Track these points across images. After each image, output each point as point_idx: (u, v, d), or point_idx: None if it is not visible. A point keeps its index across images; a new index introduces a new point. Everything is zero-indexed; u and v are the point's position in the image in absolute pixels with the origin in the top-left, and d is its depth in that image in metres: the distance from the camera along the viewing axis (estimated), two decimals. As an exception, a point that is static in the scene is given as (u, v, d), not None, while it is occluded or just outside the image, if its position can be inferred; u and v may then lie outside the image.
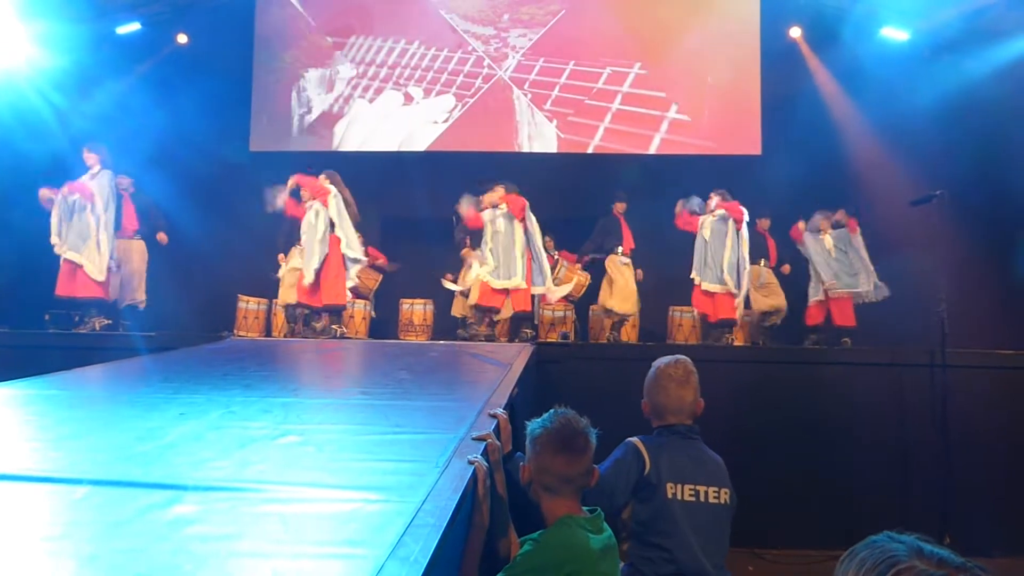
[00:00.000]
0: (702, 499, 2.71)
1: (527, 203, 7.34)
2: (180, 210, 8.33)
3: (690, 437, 2.82)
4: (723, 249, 7.59)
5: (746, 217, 7.67)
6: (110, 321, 7.48)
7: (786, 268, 8.58)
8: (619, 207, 8.48)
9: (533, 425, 2.17)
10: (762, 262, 8.48)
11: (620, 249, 8.30)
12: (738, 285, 7.55)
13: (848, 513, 5.13)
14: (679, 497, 2.68)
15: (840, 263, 8.04)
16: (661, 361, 2.89)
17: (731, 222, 7.65)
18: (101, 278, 7.22)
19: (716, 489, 2.75)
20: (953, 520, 5.08)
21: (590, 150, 10.06)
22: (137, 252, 8.02)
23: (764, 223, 8.67)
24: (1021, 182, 7.92)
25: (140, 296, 7.98)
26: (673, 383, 2.83)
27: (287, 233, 7.86)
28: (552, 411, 2.19)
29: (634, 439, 2.79)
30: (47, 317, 7.44)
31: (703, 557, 2.65)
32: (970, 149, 7.99)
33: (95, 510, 1.64)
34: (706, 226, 7.73)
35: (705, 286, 7.64)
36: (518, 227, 7.26)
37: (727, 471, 2.81)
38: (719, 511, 2.73)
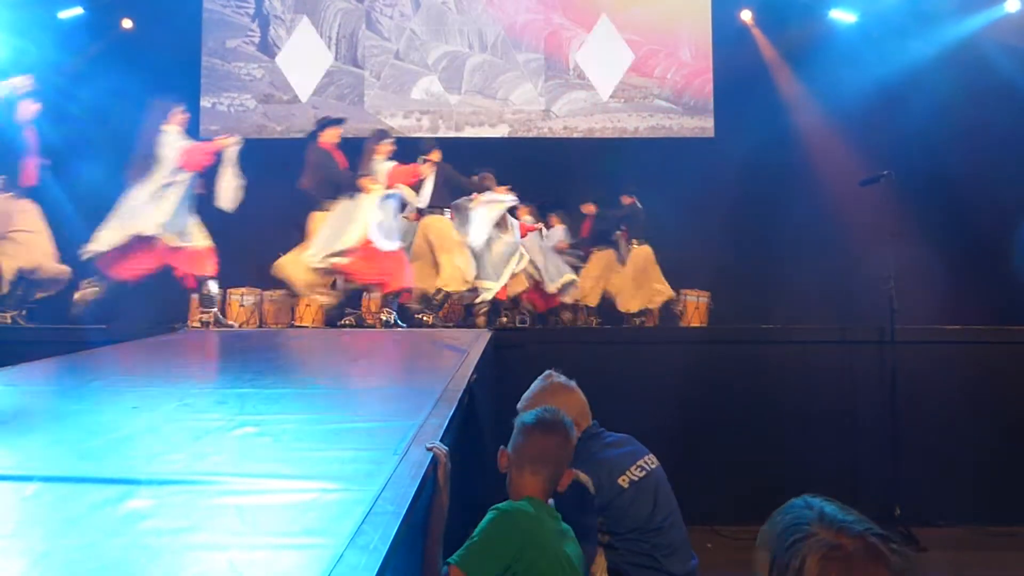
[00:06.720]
0: (651, 467, 2.74)
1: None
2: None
3: (600, 432, 2.77)
4: None
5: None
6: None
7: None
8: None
9: (526, 416, 2.23)
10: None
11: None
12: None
13: (801, 488, 5.17)
14: (634, 479, 2.66)
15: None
16: (536, 386, 2.74)
17: None
18: None
19: (649, 455, 2.76)
20: (902, 492, 5.23)
21: (536, 134, 10.06)
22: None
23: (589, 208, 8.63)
24: (964, 162, 8.14)
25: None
26: (566, 391, 2.72)
27: None
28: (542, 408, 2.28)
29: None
30: None
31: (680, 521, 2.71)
32: (915, 130, 8.16)
33: (46, 507, 1.62)
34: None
35: None
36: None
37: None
38: (661, 472, 2.76)
